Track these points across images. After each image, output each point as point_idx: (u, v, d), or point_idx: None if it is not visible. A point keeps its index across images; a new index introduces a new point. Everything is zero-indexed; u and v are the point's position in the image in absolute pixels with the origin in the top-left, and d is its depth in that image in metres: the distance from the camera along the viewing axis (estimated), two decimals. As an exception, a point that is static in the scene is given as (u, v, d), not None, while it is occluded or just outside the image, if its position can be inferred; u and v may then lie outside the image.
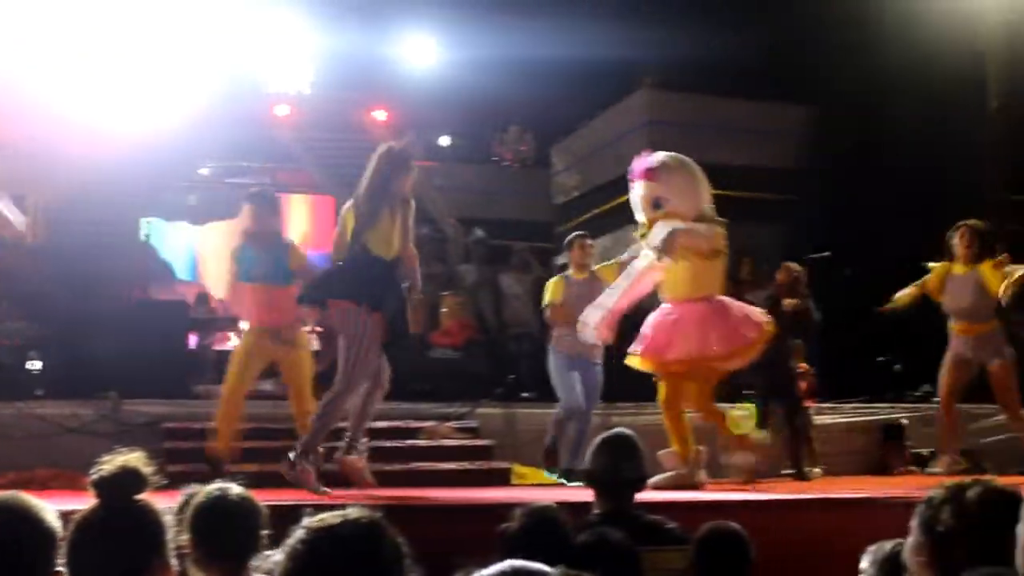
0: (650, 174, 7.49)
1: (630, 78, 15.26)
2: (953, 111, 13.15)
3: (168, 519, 2.49)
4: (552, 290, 8.79)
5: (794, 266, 9.81)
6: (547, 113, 16.26)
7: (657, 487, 6.68)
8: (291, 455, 6.46)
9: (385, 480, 7.44)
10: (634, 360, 7.58)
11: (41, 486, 6.73)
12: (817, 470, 10.04)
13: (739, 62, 14.32)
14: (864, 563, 3.34)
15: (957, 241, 8.43)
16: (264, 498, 3.18)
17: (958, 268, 8.40)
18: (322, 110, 14.66)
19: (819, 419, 10.59)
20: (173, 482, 3.10)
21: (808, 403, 10.39)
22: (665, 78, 14.98)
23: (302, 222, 17.02)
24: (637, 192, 7.57)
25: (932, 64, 12.79)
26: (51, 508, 2.27)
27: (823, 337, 12.05)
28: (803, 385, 10.36)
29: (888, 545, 3.27)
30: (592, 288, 8.18)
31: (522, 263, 12.56)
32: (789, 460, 9.58)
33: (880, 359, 12.33)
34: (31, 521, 2.20)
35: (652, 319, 7.61)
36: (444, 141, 16.95)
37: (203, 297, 13.13)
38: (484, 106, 15.26)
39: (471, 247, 13.03)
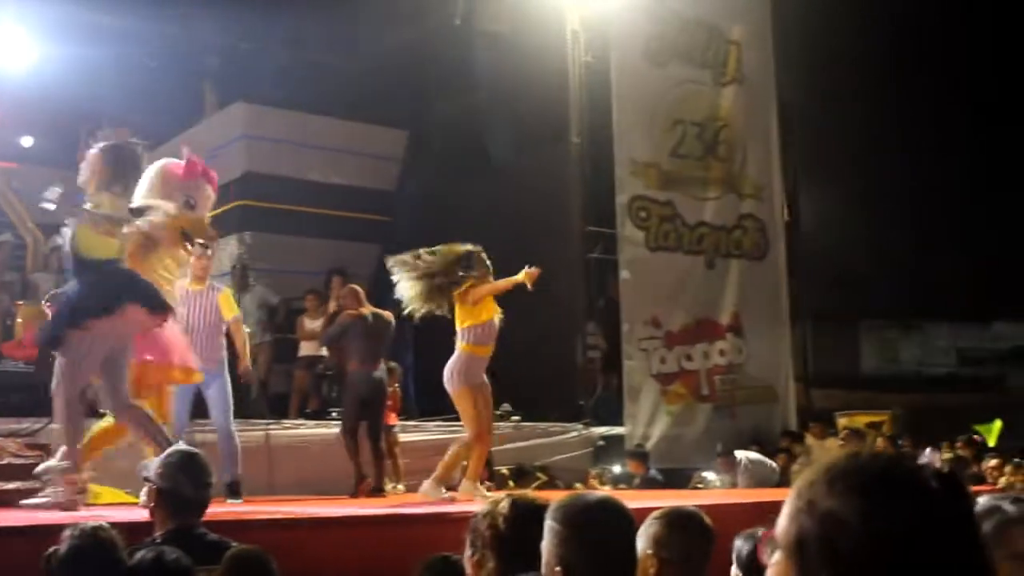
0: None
1: (229, 90, 15.06)
2: (541, 145, 13.88)
3: None
4: None
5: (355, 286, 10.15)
6: (143, 119, 15.71)
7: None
8: None
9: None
10: None
11: None
12: (400, 486, 10.27)
13: (338, 83, 14.47)
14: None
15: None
16: None
17: None
18: None
19: (406, 437, 10.85)
20: None
21: (393, 421, 10.62)
22: (263, 93, 14.87)
23: None
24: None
25: (521, 99, 13.42)
26: None
27: (415, 355, 12.42)
28: (390, 403, 10.59)
29: (432, 557, 3.44)
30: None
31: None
32: (373, 477, 9.77)
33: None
34: None
35: None
36: (27, 142, 16.00)
37: None
38: (75, 107, 14.55)
39: (50, 255, 12.38)
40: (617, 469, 12.08)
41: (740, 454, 11.67)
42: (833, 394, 16.55)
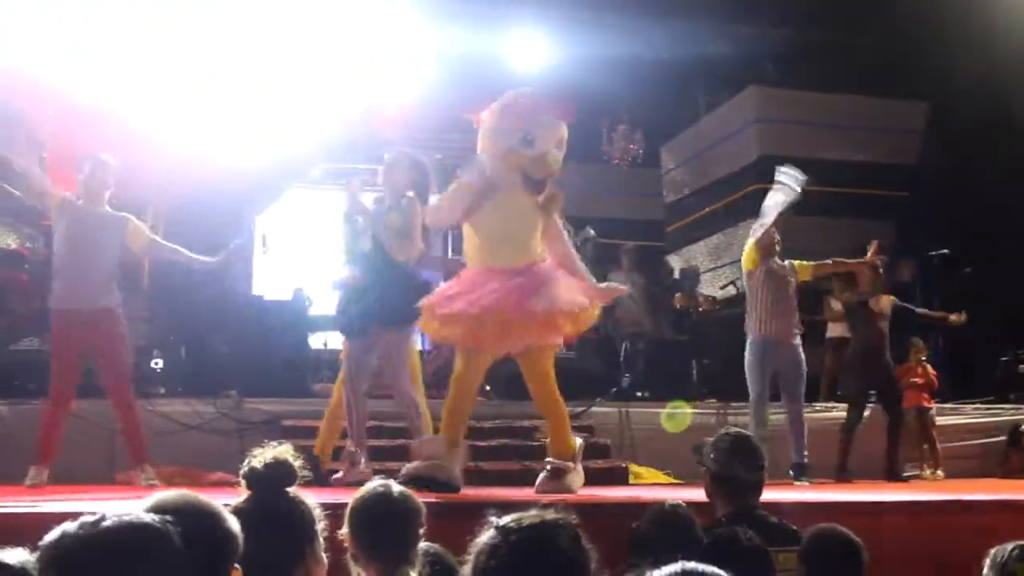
0: None
1: (739, 76, 15.11)
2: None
3: (318, 512, 2.52)
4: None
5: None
6: (656, 112, 16.16)
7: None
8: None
9: (502, 479, 7.45)
10: None
11: (165, 482, 6.81)
12: (939, 472, 9.87)
13: (850, 58, 14.12)
14: (986, 567, 3.27)
15: None
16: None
17: None
18: (430, 109, 14.67)
19: (940, 420, 10.39)
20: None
21: (928, 404, 10.23)
22: (774, 75, 14.82)
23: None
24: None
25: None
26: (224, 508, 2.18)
27: (945, 336, 11.85)
28: (919, 383, 10.22)
29: (1009, 547, 3.21)
30: (786, 276, 8.71)
31: (634, 262, 12.51)
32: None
33: (1004, 359, 12.03)
34: (217, 522, 2.12)
35: None
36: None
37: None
38: (593, 105, 15.18)
39: (581, 246, 12.99)
40: None
41: None
42: None
